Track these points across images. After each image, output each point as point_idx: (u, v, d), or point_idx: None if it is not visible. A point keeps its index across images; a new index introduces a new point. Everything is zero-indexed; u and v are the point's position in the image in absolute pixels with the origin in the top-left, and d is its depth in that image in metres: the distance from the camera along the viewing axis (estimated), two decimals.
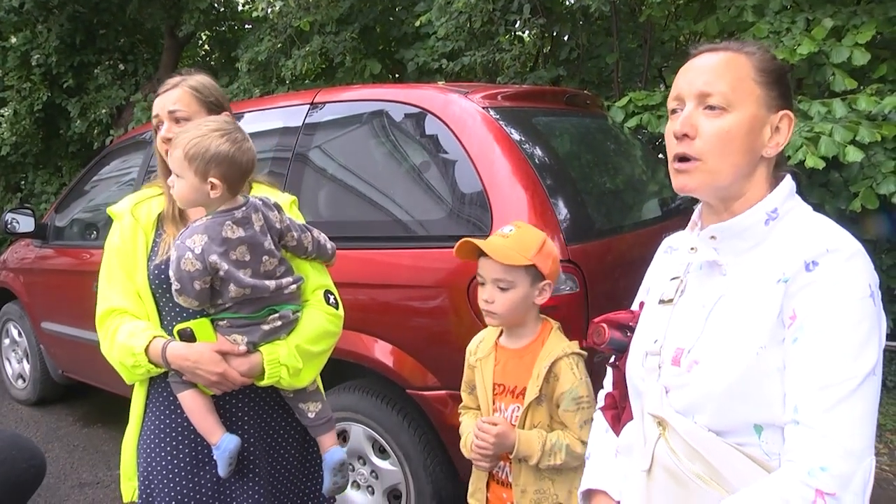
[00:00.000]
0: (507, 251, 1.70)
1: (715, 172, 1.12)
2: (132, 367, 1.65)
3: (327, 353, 1.79)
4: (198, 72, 1.84)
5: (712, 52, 1.15)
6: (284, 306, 1.67)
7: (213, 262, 1.53)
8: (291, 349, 1.66)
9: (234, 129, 1.59)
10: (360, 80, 6.19)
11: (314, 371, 1.75)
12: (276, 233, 1.67)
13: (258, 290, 1.60)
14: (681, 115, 1.14)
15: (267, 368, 1.63)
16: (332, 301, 1.79)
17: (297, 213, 1.88)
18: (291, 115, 2.97)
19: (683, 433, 1.10)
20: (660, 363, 1.18)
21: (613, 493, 1.30)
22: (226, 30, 8.87)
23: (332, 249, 1.83)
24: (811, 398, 0.99)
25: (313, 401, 1.77)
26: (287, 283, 1.66)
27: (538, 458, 1.69)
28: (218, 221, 1.57)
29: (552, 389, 1.73)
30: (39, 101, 7.67)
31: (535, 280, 1.74)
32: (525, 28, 5.49)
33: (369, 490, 2.67)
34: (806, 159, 3.05)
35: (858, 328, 1.01)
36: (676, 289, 1.23)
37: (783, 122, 1.14)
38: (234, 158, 1.55)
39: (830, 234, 1.08)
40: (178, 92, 1.76)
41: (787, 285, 1.06)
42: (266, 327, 1.64)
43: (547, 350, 1.75)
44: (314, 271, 1.80)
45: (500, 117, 2.50)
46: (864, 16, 3.66)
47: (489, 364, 1.83)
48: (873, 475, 1.00)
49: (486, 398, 1.82)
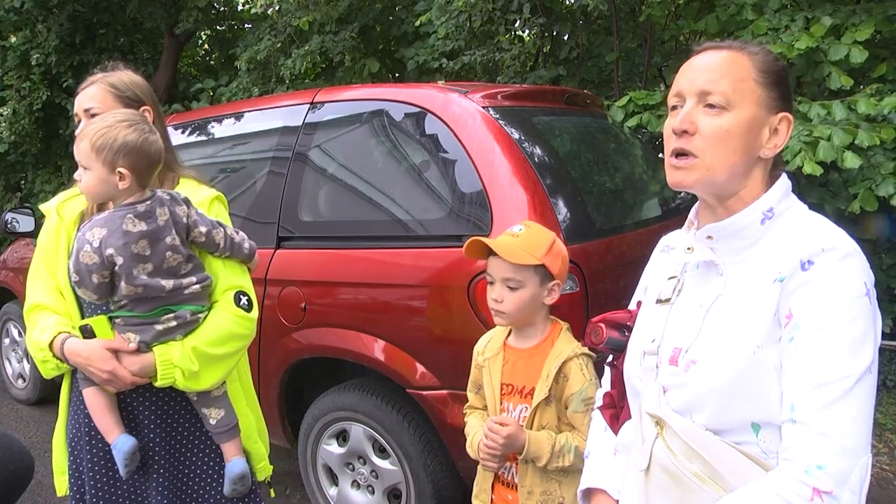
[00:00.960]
0: (516, 250, 1.69)
1: (710, 170, 1.12)
2: (42, 361, 1.65)
3: (234, 356, 1.71)
4: (124, 67, 1.85)
5: (715, 51, 1.16)
6: (182, 307, 1.62)
7: (109, 255, 1.52)
8: (186, 351, 1.61)
9: (140, 121, 1.58)
10: (359, 79, 6.19)
11: (217, 375, 1.67)
12: (183, 228, 1.63)
13: (151, 289, 1.56)
14: (681, 112, 1.14)
15: (159, 369, 1.59)
16: (243, 302, 1.70)
17: (222, 210, 1.83)
18: (291, 115, 2.97)
19: (681, 432, 1.10)
20: (657, 363, 1.18)
21: (612, 491, 1.31)
22: (225, 29, 8.87)
23: (249, 249, 1.77)
24: (808, 396, 1.00)
25: (216, 406, 1.70)
26: (188, 283, 1.62)
27: (547, 459, 1.68)
28: (119, 214, 1.55)
29: (561, 390, 1.72)
30: (39, 100, 7.67)
31: (544, 280, 1.73)
32: (525, 27, 5.50)
33: (369, 490, 2.67)
34: (804, 165, 3.04)
35: (854, 327, 1.01)
36: (674, 288, 1.24)
37: (782, 124, 1.15)
38: (142, 148, 1.54)
39: (826, 233, 1.09)
40: (94, 89, 1.76)
41: (783, 284, 1.06)
42: (159, 327, 1.60)
43: (557, 350, 1.74)
44: (227, 271, 1.73)
45: (500, 117, 2.50)
46: (862, 14, 3.67)
47: (497, 364, 1.81)
48: (870, 473, 1.00)
49: (494, 398, 1.80)
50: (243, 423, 1.78)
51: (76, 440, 1.75)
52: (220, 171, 3.19)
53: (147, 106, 1.80)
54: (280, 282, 2.71)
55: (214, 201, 1.80)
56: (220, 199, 1.84)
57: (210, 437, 1.75)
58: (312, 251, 2.71)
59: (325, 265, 2.67)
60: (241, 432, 1.76)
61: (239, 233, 1.75)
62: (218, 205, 1.81)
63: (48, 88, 7.79)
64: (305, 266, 2.70)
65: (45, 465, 3.74)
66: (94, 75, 1.81)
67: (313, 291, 2.66)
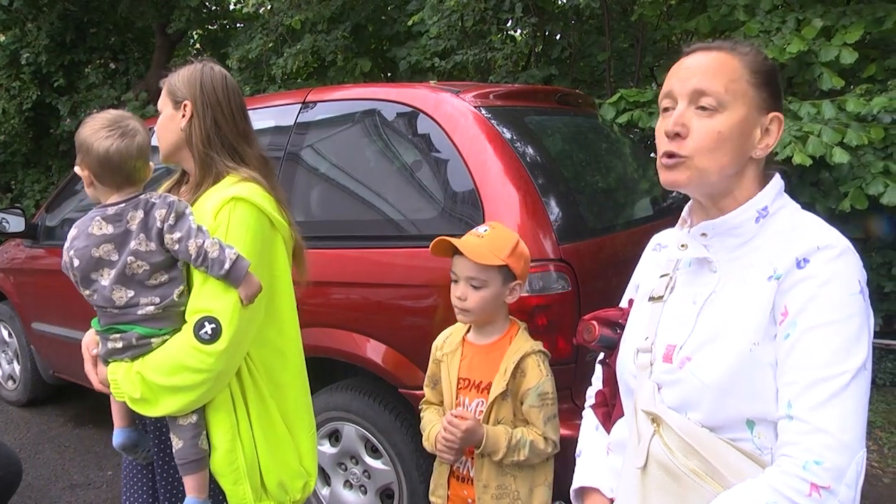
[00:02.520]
0: (481, 251, 1.75)
1: (702, 170, 1.12)
2: None
3: (196, 388, 1.49)
4: (201, 61, 1.77)
5: (705, 52, 1.15)
6: (133, 328, 1.51)
7: (69, 258, 1.53)
8: (130, 374, 1.52)
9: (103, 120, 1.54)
10: (351, 78, 6.19)
11: (176, 404, 1.51)
12: (157, 233, 1.51)
13: (103, 298, 1.52)
14: (673, 114, 1.14)
15: (111, 385, 1.58)
16: (204, 331, 1.48)
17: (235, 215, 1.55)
18: (283, 115, 2.96)
19: (678, 429, 1.10)
20: (651, 360, 1.19)
21: (606, 490, 1.31)
22: (217, 29, 8.84)
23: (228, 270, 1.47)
24: (804, 393, 1.00)
25: (177, 435, 1.56)
26: (145, 302, 1.50)
27: (504, 453, 1.73)
28: (91, 216, 1.54)
29: (518, 385, 1.77)
30: (29, 99, 7.63)
31: (506, 280, 1.79)
32: (517, 27, 5.51)
33: (362, 490, 2.67)
34: (794, 156, 3.08)
35: (850, 324, 1.02)
36: (666, 286, 1.24)
37: (773, 124, 1.15)
38: (87, 145, 1.52)
39: (820, 231, 1.10)
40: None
41: (779, 282, 1.07)
42: (109, 345, 1.55)
43: (515, 347, 1.80)
44: (202, 290, 1.51)
45: (492, 116, 2.50)
46: (852, 16, 3.70)
47: (455, 359, 1.87)
48: (865, 467, 1.01)
49: (451, 392, 1.85)
50: (219, 459, 1.58)
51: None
52: None
53: (187, 101, 1.66)
54: None
55: (227, 203, 1.55)
56: (238, 201, 1.56)
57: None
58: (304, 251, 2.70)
59: (316, 265, 2.64)
60: (214, 469, 1.59)
61: (226, 250, 1.48)
62: (230, 207, 1.55)
63: (38, 88, 7.75)
64: None
65: (35, 466, 3.72)
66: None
67: (305, 291, 2.64)
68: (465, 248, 1.76)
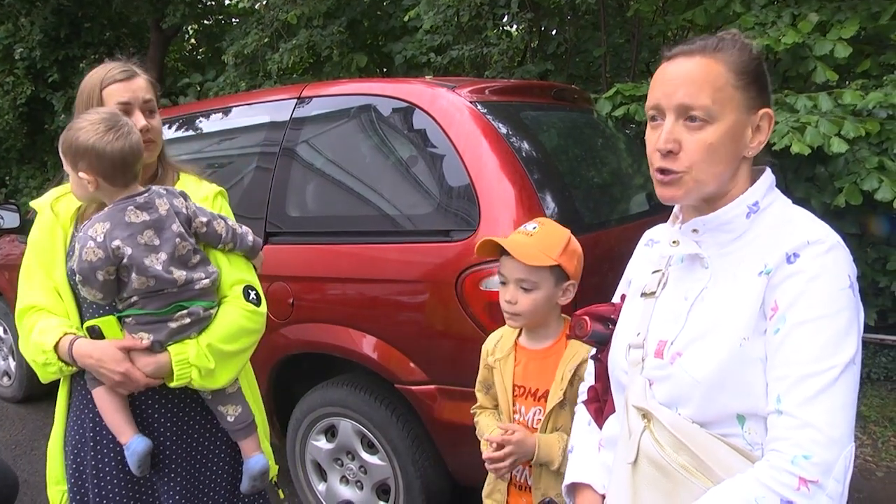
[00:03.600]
0: (530, 251, 1.62)
1: (699, 182, 1.12)
2: (44, 364, 1.58)
3: (247, 352, 1.69)
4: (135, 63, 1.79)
5: (687, 57, 1.13)
6: (195, 303, 1.58)
7: (116, 247, 1.48)
8: (202, 349, 1.57)
9: (104, 122, 1.52)
10: (347, 74, 6.17)
11: (231, 372, 1.64)
12: (185, 218, 1.61)
13: (162, 281, 1.53)
14: (662, 131, 1.12)
15: (175, 369, 1.55)
16: (252, 297, 1.68)
17: (225, 206, 1.81)
18: (279, 110, 2.96)
19: (669, 425, 1.10)
20: (643, 356, 1.19)
21: (598, 486, 1.31)
22: (213, 24, 8.81)
23: (253, 242, 1.74)
24: (793, 388, 1.01)
25: (232, 404, 1.67)
26: (199, 277, 1.59)
27: (560, 462, 1.61)
28: (119, 208, 1.53)
29: (575, 392, 1.61)
30: (23, 95, 7.60)
31: (559, 280, 1.66)
32: (513, 22, 5.50)
33: (358, 485, 2.67)
34: (792, 145, 3.09)
35: (839, 318, 1.03)
36: (658, 282, 1.24)
37: (763, 120, 1.14)
38: (97, 149, 1.49)
39: (811, 226, 1.10)
40: (143, 82, 1.71)
41: (769, 277, 1.07)
42: (173, 325, 1.55)
43: (571, 352, 1.67)
44: (232, 266, 1.70)
45: (488, 111, 2.50)
46: (847, 11, 3.71)
47: (509, 365, 1.74)
48: (853, 461, 1.01)
49: (507, 400, 1.73)
50: (256, 420, 1.75)
51: (79, 446, 1.68)
52: (208, 167, 3.16)
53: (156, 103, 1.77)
54: (268, 277, 2.69)
55: (218, 196, 1.78)
56: (223, 195, 1.82)
57: (223, 435, 1.72)
58: (300, 246, 2.71)
59: (312, 261, 2.66)
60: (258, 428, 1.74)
61: (242, 227, 1.73)
62: (221, 199, 1.80)
63: (32, 83, 7.72)
64: (293, 261, 2.69)
65: (31, 462, 3.72)
66: (127, 64, 1.74)
67: (301, 287, 2.65)
68: (513, 248, 1.62)
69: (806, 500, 0.96)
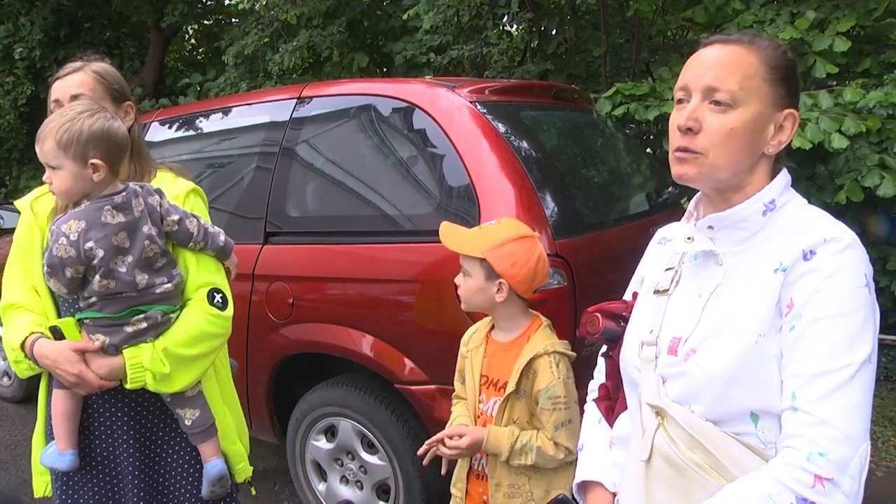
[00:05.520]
0: (464, 240, 1.77)
1: (714, 167, 1.12)
2: (15, 361, 1.61)
3: (209, 356, 1.65)
4: (99, 58, 1.78)
5: (722, 45, 1.14)
6: (154, 307, 1.56)
7: (89, 248, 1.47)
8: (157, 353, 1.55)
9: (100, 109, 1.53)
10: (347, 74, 6.17)
11: (190, 376, 1.61)
12: (158, 217, 1.58)
13: (123, 284, 1.51)
14: (686, 108, 1.13)
15: (129, 373, 1.54)
16: (217, 300, 1.64)
17: (199, 204, 1.77)
18: (279, 110, 2.95)
19: (683, 422, 1.10)
20: (656, 353, 1.18)
21: (608, 484, 1.30)
22: (213, 24, 8.81)
23: (224, 243, 1.70)
24: (809, 385, 1.00)
25: (190, 407, 1.65)
26: (161, 281, 1.57)
27: (507, 455, 1.71)
28: (97, 207, 1.50)
29: (531, 385, 1.73)
30: (23, 95, 7.60)
31: (490, 275, 1.74)
32: (513, 22, 5.50)
33: (358, 485, 2.67)
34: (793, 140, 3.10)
35: (855, 316, 1.02)
36: (671, 279, 1.24)
37: (787, 120, 1.14)
38: (111, 134, 1.50)
39: (827, 224, 1.10)
40: (81, 76, 1.68)
41: (785, 274, 1.07)
42: (129, 329, 1.54)
43: (530, 346, 1.76)
44: (200, 267, 1.67)
45: (488, 111, 2.50)
46: (845, 9, 3.73)
47: (479, 355, 1.85)
48: (868, 459, 1.01)
49: (474, 389, 1.84)
50: (220, 423, 1.72)
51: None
52: (208, 167, 3.17)
53: (129, 101, 1.76)
54: (268, 277, 2.70)
55: (191, 194, 1.74)
56: (198, 192, 1.78)
57: (185, 438, 1.70)
58: (300, 246, 2.71)
59: (312, 260, 2.66)
60: (219, 432, 1.71)
61: (215, 227, 1.70)
62: (194, 197, 1.75)
63: (32, 83, 7.72)
64: (293, 261, 2.69)
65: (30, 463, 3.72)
66: (73, 62, 1.74)
67: (301, 287, 2.65)
68: (452, 234, 1.80)
69: (822, 497, 0.96)
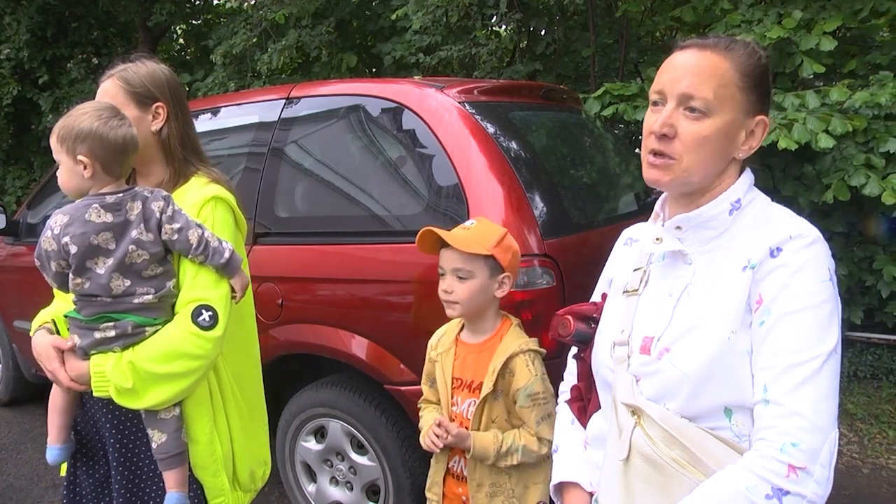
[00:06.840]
0: (467, 240, 1.75)
1: (687, 171, 1.14)
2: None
3: (188, 376, 1.51)
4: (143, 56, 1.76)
5: (699, 50, 1.15)
6: (127, 316, 1.51)
7: (65, 243, 1.47)
8: (121, 365, 1.49)
9: (106, 110, 1.54)
10: (336, 74, 6.16)
11: (164, 395, 1.51)
12: (156, 224, 1.52)
13: (96, 287, 1.49)
14: (661, 115, 1.15)
15: (92, 379, 1.51)
16: (203, 318, 1.52)
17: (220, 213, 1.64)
18: (267, 110, 2.95)
19: (659, 420, 1.12)
20: (629, 353, 1.20)
21: (585, 484, 1.32)
22: (201, 23, 8.78)
23: (228, 260, 1.56)
24: (779, 377, 1.03)
25: (159, 430, 1.55)
26: (142, 291, 1.51)
27: (494, 459, 1.73)
28: (84, 203, 1.51)
29: (508, 385, 1.75)
30: (9, 95, 7.53)
31: (494, 272, 1.77)
32: (502, 23, 5.51)
33: (348, 486, 2.67)
34: (779, 141, 3.14)
35: (821, 309, 1.06)
36: (640, 279, 1.26)
37: (758, 127, 1.17)
38: (100, 134, 1.49)
39: (792, 221, 1.14)
40: (108, 83, 1.69)
41: (753, 271, 1.10)
42: (98, 335, 1.51)
43: (504, 346, 1.77)
44: (196, 283, 1.56)
45: (477, 112, 2.50)
46: (832, 10, 3.77)
47: (449, 358, 1.86)
48: (837, 447, 1.04)
49: (446, 392, 1.84)
50: (200, 452, 1.61)
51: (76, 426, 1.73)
52: None
53: (160, 102, 1.68)
54: (256, 278, 2.67)
55: (209, 202, 1.62)
56: (220, 200, 1.64)
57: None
58: (289, 247, 2.70)
59: (301, 261, 2.65)
60: (195, 462, 1.61)
61: (223, 242, 1.57)
62: (213, 206, 1.63)
63: (19, 83, 7.65)
64: (282, 262, 2.68)
65: (17, 466, 3.69)
66: (114, 67, 1.73)
67: (290, 287, 2.64)
68: (450, 237, 1.76)
69: (795, 485, 0.99)
